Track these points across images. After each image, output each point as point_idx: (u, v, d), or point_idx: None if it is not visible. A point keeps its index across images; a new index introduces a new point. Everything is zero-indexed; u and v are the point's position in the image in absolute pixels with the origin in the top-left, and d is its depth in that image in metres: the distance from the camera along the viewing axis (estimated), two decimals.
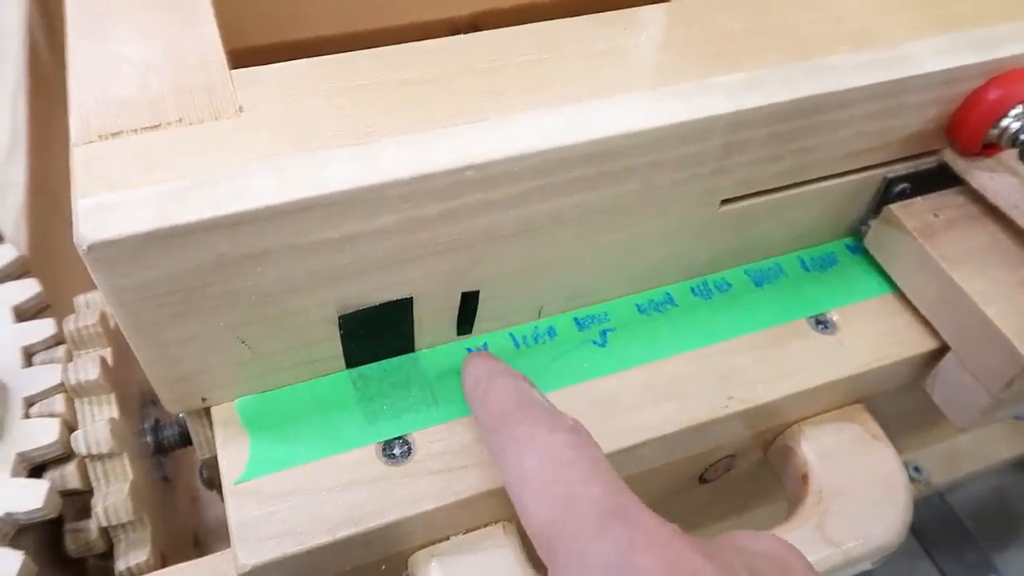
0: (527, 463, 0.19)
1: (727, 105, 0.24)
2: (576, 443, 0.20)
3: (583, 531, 0.18)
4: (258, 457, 0.24)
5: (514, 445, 0.20)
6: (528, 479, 0.19)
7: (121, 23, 0.25)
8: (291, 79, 0.23)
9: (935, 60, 0.26)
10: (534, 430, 0.20)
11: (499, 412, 0.21)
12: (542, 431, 0.20)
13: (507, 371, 0.23)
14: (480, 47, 0.25)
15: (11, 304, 0.27)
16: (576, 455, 0.19)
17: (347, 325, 0.24)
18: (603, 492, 0.18)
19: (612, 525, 0.18)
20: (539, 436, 0.20)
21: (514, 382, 0.23)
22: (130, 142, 0.21)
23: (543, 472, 0.19)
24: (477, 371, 0.23)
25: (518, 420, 0.21)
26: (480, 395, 0.23)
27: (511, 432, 0.20)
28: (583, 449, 0.20)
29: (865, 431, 0.29)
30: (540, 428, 0.20)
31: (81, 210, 0.19)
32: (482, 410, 0.22)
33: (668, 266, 0.29)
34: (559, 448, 0.19)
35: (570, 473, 0.19)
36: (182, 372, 0.23)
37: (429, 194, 0.22)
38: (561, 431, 0.20)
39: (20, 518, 0.22)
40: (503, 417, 0.21)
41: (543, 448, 0.19)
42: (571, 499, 0.18)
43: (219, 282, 0.21)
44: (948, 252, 0.28)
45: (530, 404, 0.21)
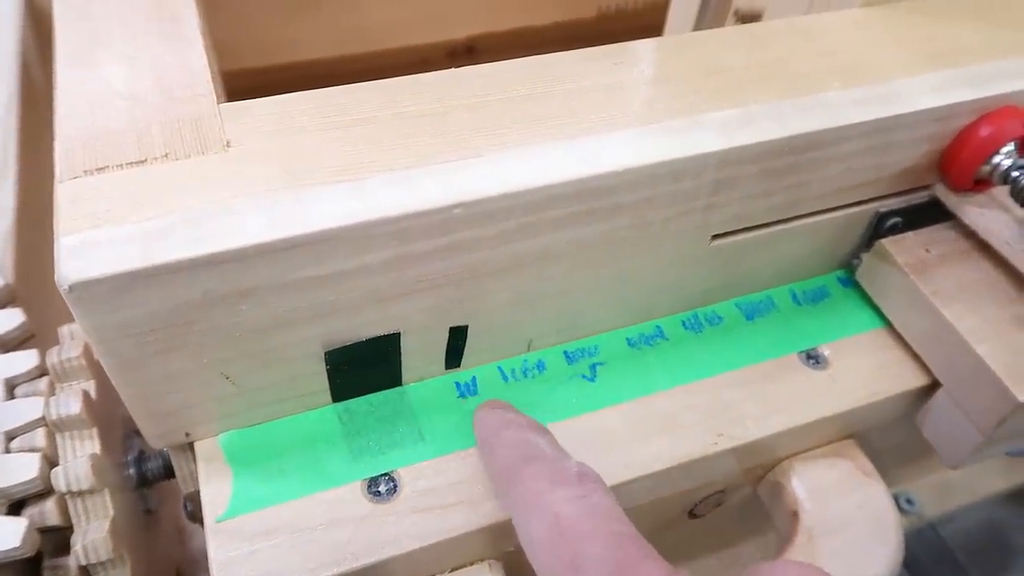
0: (532, 526, 0.19)
1: (718, 142, 0.24)
2: (579, 496, 0.19)
3: None
4: (241, 494, 0.24)
5: (520, 505, 0.20)
6: (535, 543, 0.19)
7: (110, 52, 0.25)
8: (279, 113, 0.23)
9: (927, 97, 0.26)
10: (538, 486, 0.20)
11: (504, 469, 0.21)
12: (545, 487, 0.20)
13: (512, 422, 0.23)
14: (472, 81, 0.25)
15: None
16: (578, 510, 0.19)
17: (333, 360, 0.24)
18: (604, 550, 0.18)
19: None
20: (543, 494, 0.20)
21: (519, 434, 0.22)
22: (116, 177, 0.21)
23: (548, 535, 0.19)
24: (484, 425, 0.23)
25: (522, 478, 0.20)
26: (488, 451, 0.23)
27: (516, 491, 0.20)
28: (586, 501, 0.19)
29: (856, 467, 0.29)
30: (543, 484, 0.20)
31: (63, 248, 0.19)
32: (490, 467, 0.22)
33: (659, 300, 0.28)
34: (562, 505, 0.19)
35: (573, 532, 0.19)
36: (165, 408, 0.23)
37: (417, 231, 0.21)
38: (564, 485, 0.20)
39: None
40: (508, 474, 0.21)
41: (546, 508, 0.19)
42: (576, 563, 0.18)
43: (203, 319, 0.21)
44: (939, 288, 0.27)
45: (534, 459, 0.21)
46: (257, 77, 0.53)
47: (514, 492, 0.20)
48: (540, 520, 0.19)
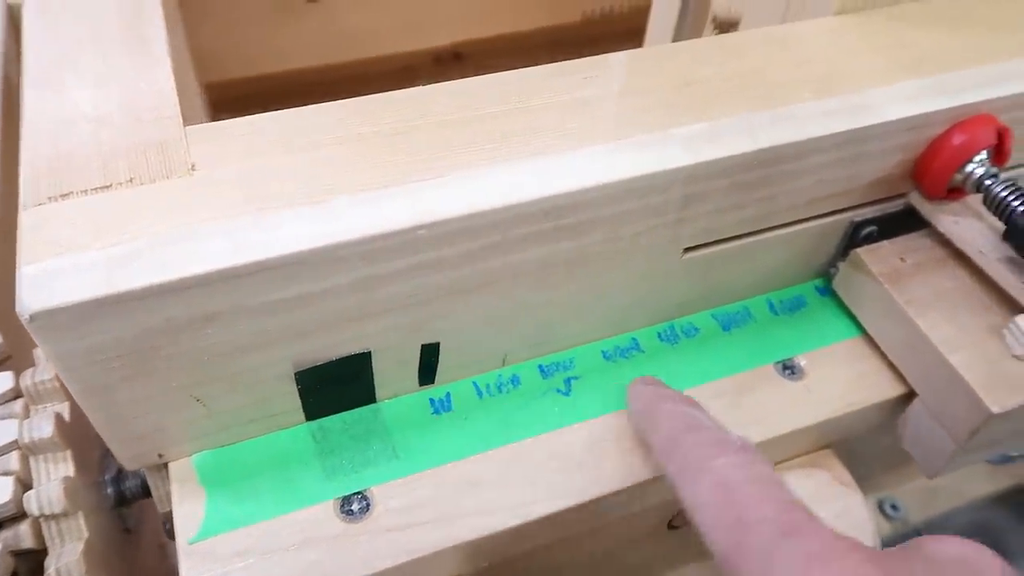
0: (700, 490, 0.20)
1: (686, 158, 0.23)
2: (744, 463, 0.20)
3: (760, 553, 0.18)
4: (214, 515, 0.24)
5: (686, 472, 0.21)
6: (703, 506, 0.20)
7: (77, 75, 0.25)
8: (246, 134, 0.23)
9: (899, 107, 0.26)
10: (703, 452, 0.21)
11: (669, 439, 0.22)
12: (711, 453, 0.21)
13: (673, 396, 0.24)
14: (440, 99, 0.25)
15: None
16: (745, 476, 0.20)
17: (304, 380, 0.24)
18: (775, 511, 0.19)
19: (787, 544, 0.18)
20: (708, 460, 0.20)
21: (681, 407, 0.23)
22: (80, 203, 0.21)
23: (716, 496, 0.20)
24: (643, 398, 0.24)
25: (688, 446, 0.21)
26: (649, 422, 0.23)
27: (682, 459, 0.21)
28: (751, 468, 0.20)
29: (833, 478, 0.29)
30: (709, 451, 0.21)
31: (25, 277, 0.19)
32: (652, 437, 0.23)
33: (633, 313, 0.28)
34: (728, 471, 0.20)
35: (740, 496, 0.19)
36: (136, 431, 0.23)
37: (382, 253, 0.21)
38: (729, 454, 0.21)
39: None
40: (673, 444, 0.22)
41: (713, 471, 0.20)
42: (745, 522, 0.19)
43: (170, 344, 0.21)
44: (914, 297, 0.27)
45: (698, 428, 0.22)
46: (242, 87, 0.53)
47: (679, 458, 0.21)
48: (708, 483, 0.20)
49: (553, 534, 0.26)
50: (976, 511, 0.39)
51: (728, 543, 0.19)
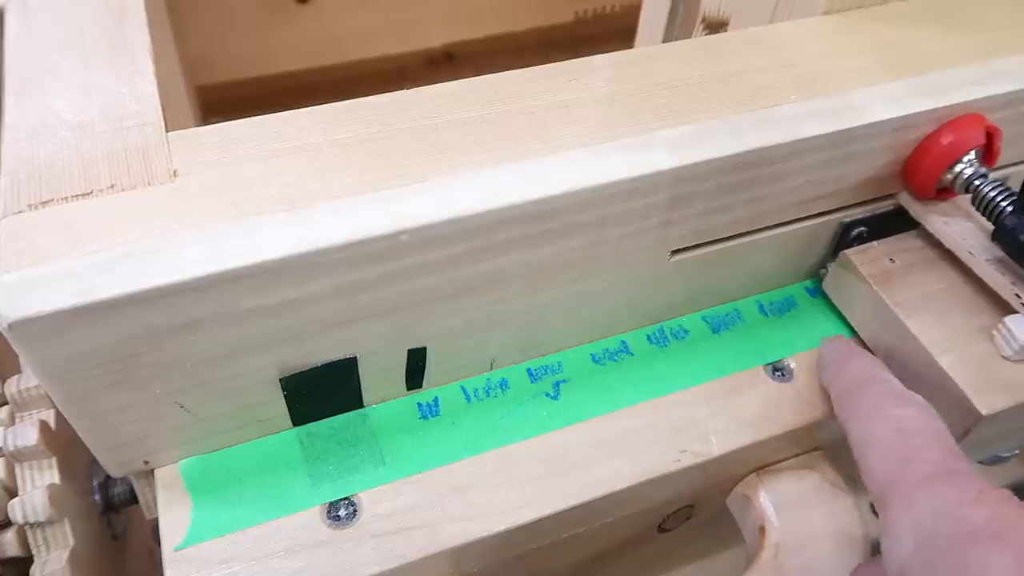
0: (874, 427, 0.22)
1: (670, 160, 0.23)
2: (921, 416, 0.22)
3: (917, 484, 0.19)
4: (200, 522, 0.24)
5: (864, 411, 0.22)
6: (873, 441, 0.21)
7: (59, 81, 0.25)
8: (228, 140, 0.23)
9: (885, 107, 0.26)
10: (883, 401, 0.22)
11: (853, 383, 0.24)
12: (891, 403, 0.22)
13: (865, 353, 0.26)
14: (420, 104, 0.24)
15: None
16: (919, 426, 0.21)
17: (290, 386, 0.24)
18: (940, 456, 0.20)
19: (945, 481, 0.19)
20: (887, 407, 0.22)
21: (870, 361, 0.25)
22: (60, 211, 0.21)
23: (887, 436, 0.21)
24: (835, 348, 0.26)
25: (870, 393, 0.23)
26: (836, 369, 0.25)
27: (863, 400, 0.23)
28: (927, 422, 0.21)
29: (824, 480, 0.28)
30: (889, 400, 0.22)
31: (3, 286, 0.19)
32: (837, 382, 0.25)
33: (622, 315, 0.28)
34: (905, 419, 0.21)
35: (912, 440, 0.21)
36: (121, 438, 0.23)
37: (365, 258, 0.21)
38: (909, 406, 0.22)
39: None
40: (857, 387, 0.23)
41: (890, 417, 0.22)
42: (909, 460, 0.20)
43: (152, 352, 0.21)
44: (904, 299, 0.27)
45: (883, 380, 0.23)
46: (233, 90, 0.53)
47: (858, 403, 0.23)
48: (884, 425, 0.21)
49: (542, 539, 0.26)
50: None
51: (888, 477, 0.20)
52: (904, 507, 0.19)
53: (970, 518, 0.18)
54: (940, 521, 0.18)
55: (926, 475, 0.20)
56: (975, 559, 0.17)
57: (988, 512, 0.18)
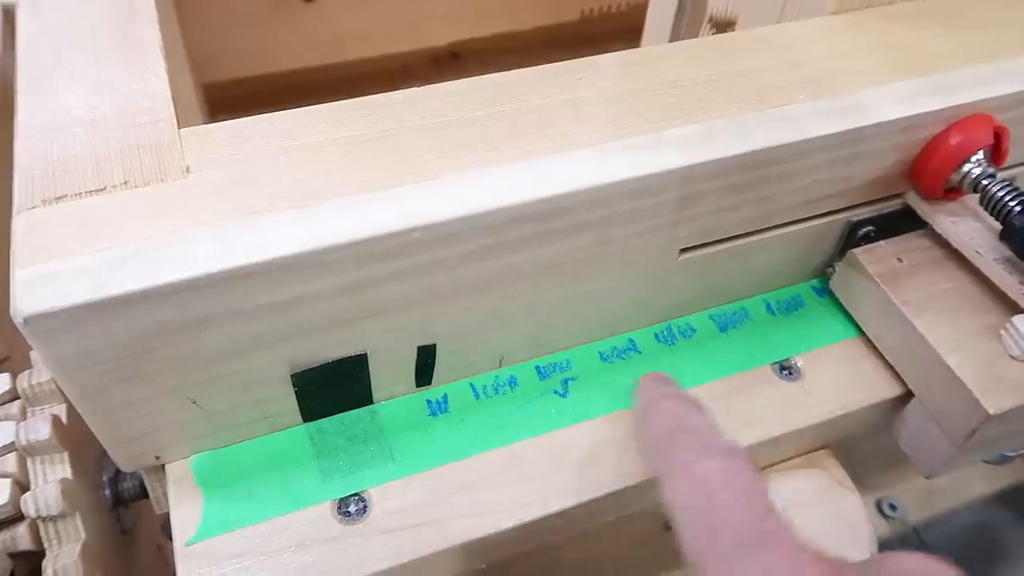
0: (679, 490, 0.20)
1: (679, 159, 0.23)
2: (726, 468, 0.20)
3: (726, 558, 0.18)
4: (211, 517, 0.24)
5: (670, 469, 0.21)
6: (680, 506, 0.20)
7: (71, 78, 0.25)
8: (239, 137, 0.23)
9: (893, 107, 0.26)
10: (688, 457, 0.21)
11: (659, 437, 0.22)
12: (696, 456, 0.21)
13: (671, 396, 0.24)
14: (430, 102, 0.25)
15: None
16: (724, 481, 0.20)
17: (300, 382, 0.24)
18: (747, 520, 0.19)
19: (752, 553, 0.18)
20: (692, 463, 0.21)
21: (676, 407, 0.23)
22: (74, 207, 0.21)
23: (693, 500, 0.20)
24: (645, 394, 0.24)
25: (676, 445, 0.21)
26: (644, 418, 0.23)
27: (667, 458, 0.21)
28: (733, 474, 0.20)
29: (831, 478, 0.28)
30: (695, 453, 0.21)
31: (18, 281, 0.19)
32: (644, 436, 0.23)
33: (630, 313, 0.28)
34: (710, 474, 0.20)
35: (717, 500, 0.20)
36: (132, 433, 0.23)
37: (376, 255, 0.21)
38: (714, 458, 0.21)
39: None
40: (661, 443, 0.22)
41: (694, 476, 0.20)
42: (716, 527, 0.19)
43: (164, 347, 0.21)
44: (911, 298, 0.27)
45: (688, 430, 0.22)
46: (239, 88, 0.53)
47: (666, 457, 0.21)
48: (688, 485, 0.20)
49: (549, 536, 0.26)
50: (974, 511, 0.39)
51: (698, 546, 0.19)
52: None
53: None
54: None
55: (736, 544, 0.19)
56: None
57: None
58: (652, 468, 0.22)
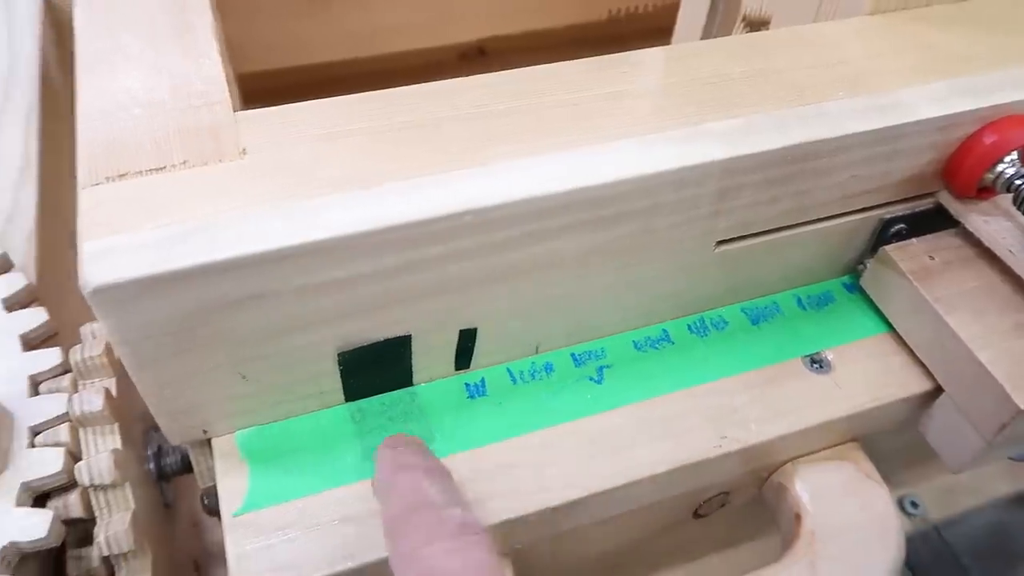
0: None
1: (722, 151, 0.24)
2: (456, 549, 0.20)
3: None
4: (257, 490, 0.24)
5: (400, 558, 0.20)
6: None
7: (128, 62, 0.25)
8: (293, 121, 0.24)
9: (930, 107, 0.26)
10: (418, 539, 0.20)
11: (393, 518, 0.21)
12: (423, 541, 0.20)
13: (414, 465, 0.22)
14: (477, 91, 0.25)
15: (19, 333, 0.28)
16: (452, 565, 0.19)
17: (346, 361, 0.25)
18: None
19: None
20: (421, 546, 0.20)
21: (411, 480, 0.22)
22: (135, 184, 0.22)
23: None
24: (381, 468, 0.23)
25: (405, 530, 0.20)
26: (383, 496, 0.22)
27: (395, 545, 0.20)
28: (461, 555, 0.19)
29: (859, 470, 0.29)
30: (422, 537, 0.20)
31: (86, 253, 0.20)
32: (384, 510, 0.22)
33: (665, 304, 0.29)
34: (438, 558, 0.19)
35: None
36: (184, 406, 0.24)
37: (428, 238, 0.22)
38: (443, 538, 0.20)
39: (24, 547, 0.23)
40: (394, 524, 0.21)
41: (422, 561, 0.19)
42: None
43: (219, 321, 0.22)
44: (943, 295, 0.28)
45: (419, 507, 0.21)
46: (266, 80, 0.54)
47: (398, 541, 0.20)
48: (415, 573, 0.19)
49: (583, 518, 0.26)
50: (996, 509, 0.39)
51: None
52: None
53: None
54: None
55: None
56: None
57: None
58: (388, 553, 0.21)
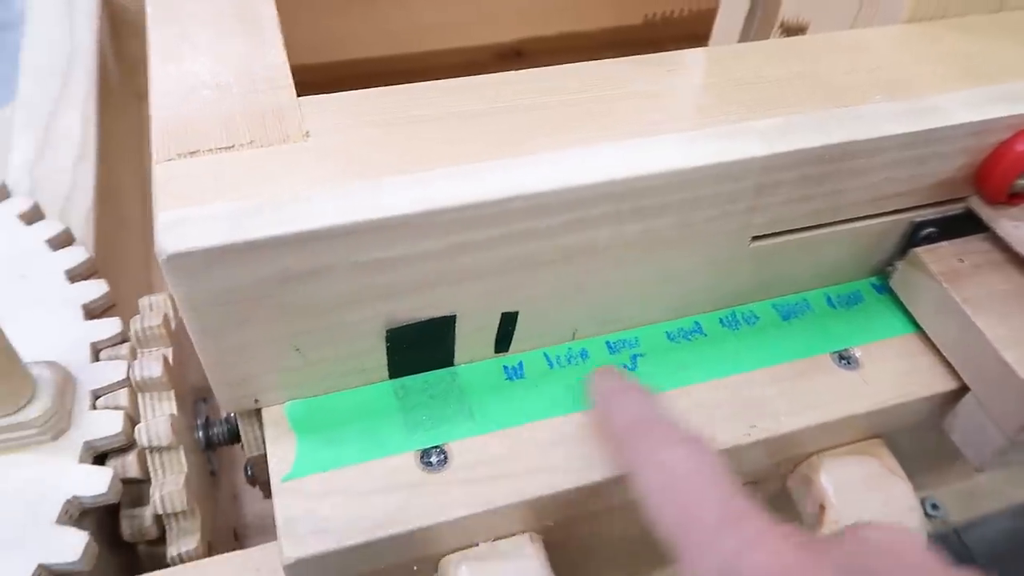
0: (649, 478, 0.21)
1: (761, 148, 0.25)
2: (691, 455, 0.21)
3: (700, 537, 0.19)
4: (304, 458, 0.26)
5: (637, 461, 0.22)
6: (651, 493, 0.21)
7: (197, 50, 0.27)
8: (354, 107, 0.25)
9: (964, 112, 0.27)
10: (651, 446, 0.22)
11: (622, 429, 0.23)
12: (660, 446, 0.22)
13: (629, 388, 0.25)
14: (528, 84, 0.26)
15: (81, 303, 0.29)
16: (691, 467, 0.21)
17: (393, 338, 0.26)
18: (717, 499, 0.20)
19: (726, 530, 0.19)
20: (655, 453, 0.22)
21: (637, 399, 0.24)
22: (206, 161, 0.23)
23: (663, 486, 0.21)
24: (601, 389, 0.25)
25: (638, 437, 0.22)
26: (605, 413, 0.25)
27: (634, 448, 0.22)
28: (698, 459, 0.21)
29: (883, 466, 0.30)
30: (658, 443, 0.22)
31: (161, 223, 0.21)
32: (607, 427, 0.24)
33: (698, 297, 0.30)
34: (676, 461, 0.21)
35: (684, 487, 0.21)
36: (240, 375, 0.25)
37: (478, 221, 0.23)
38: (678, 445, 0.22)
39: (85, 501, 0.24)
40: (626, 434, 0.23)
41: (661, 464, 0.21)
42: (688, 508, 0.20)
43: (280, 294, 0.23)
44: (971, 296, 0.29)
45: (651, 420, 0.23)
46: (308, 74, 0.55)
47: (630, 449, 0.22)
48: (655, 474, 0.21)
49: (611, 499, 0.27)
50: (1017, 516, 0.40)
51: (673, 533, 0.20)
52: (694, 561, 0.19)
53: (753, 565, 0.18)
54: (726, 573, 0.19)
55: (708, 525, 0.19)
56: None
57: (770, 558, 0.18)
58: (620, 462, 0.23)
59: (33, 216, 0.33)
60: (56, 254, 0.31)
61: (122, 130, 0.44)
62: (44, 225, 0.32)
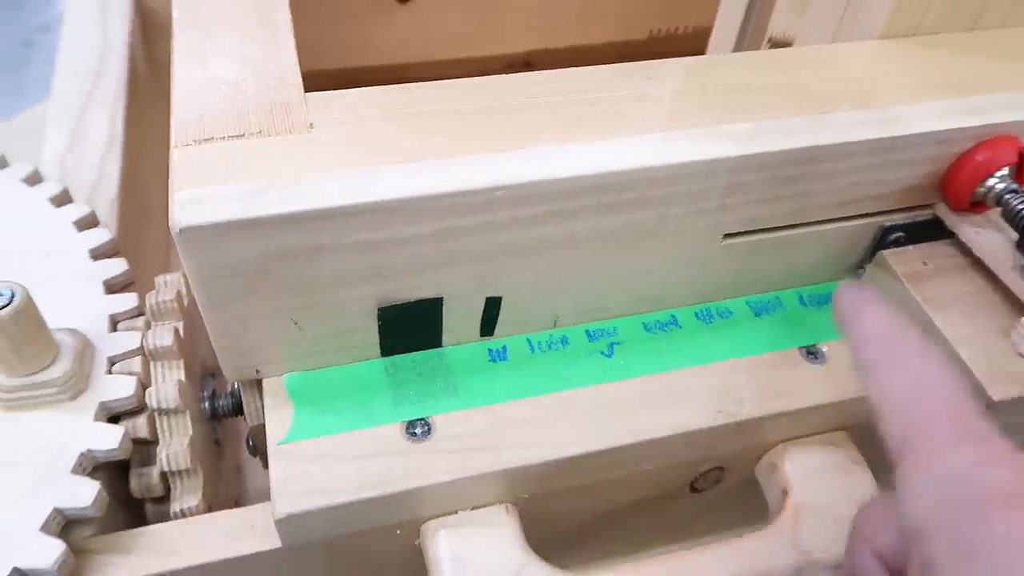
0: (898, 379, 0.22)
1: (731, 149, 0.27)
2: (941, 373, 0.22)
3: (937, 444, 0.19)
4: (300, 424, 0.28)
5: (889, 361, 0.22)
6: (896, 392, 0.21)
7: (217, 50, 0.29)
8: (356, 104, 0.27)
9: (928, 122, 0.29)
10: (905, 352, 0.22)
11: (876, 332, 0.23)
12: (915, 355, 0.22)
13: (878, 299, 0.25)
14: (521, 87, 0.28)
15: (103, 279, 0.31)
16: (942, 382, 0.21)
17: (384, 317, 0.28)
18: (961, 414, 0.20)
19: (966, 441, 0.19)
20: (912, 359, 0.22)
21: (884, 311, 0.24)
22: (219, 147, 0.25)
23: (910, 390, 0.21)
24: (851, 299, 0.25)
25: (896, 341, 0.23)
26: (855, 315, 0.25)
27: (888, 350, 0.23)
28: (947, 379, 0.21)
29: (846, 456, 0.31)
30: (913, 353, 0.22)
31: (176, 200, 0.23)
32: (858, 327, 0.24)
33: (674, 291, 0.32)
34: (928, 373, 0.21)
35: (933, 395, 0.21)
36: (243, 345, 0.27)
37: (464, 208, 0.25)
38: (929, 361, 0.22)
39: (98, 456, 0.26)
40: (880, 337, 0.23)
41: (914, 370, 0.22)
42: (931, 416, 0.20)
43: (281, 269, 0.25)
44: (931, 296, 0.30)
45: (904, 331, 0.23)
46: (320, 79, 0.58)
47: (886, 351, 0.23)
48: (903, 377, 0.22)
49: (587, 474, 0.29)
50: None
51: (906, 432, 0.20)
52: (923, 465, 0.19)
53: (993, 480, 0.18)
54: (961, 482, 0.18)
55: (946, 434, 0.19)
56: (999, 521, 0.17)
57: (1011, 475, 0.18)
58: (862, 360, 0.23)
59: (62, 199, 0.36)
60: (81, 234, 0.34)
61: (149, 127, 0.47)
62: (72, 208, 0.35)
